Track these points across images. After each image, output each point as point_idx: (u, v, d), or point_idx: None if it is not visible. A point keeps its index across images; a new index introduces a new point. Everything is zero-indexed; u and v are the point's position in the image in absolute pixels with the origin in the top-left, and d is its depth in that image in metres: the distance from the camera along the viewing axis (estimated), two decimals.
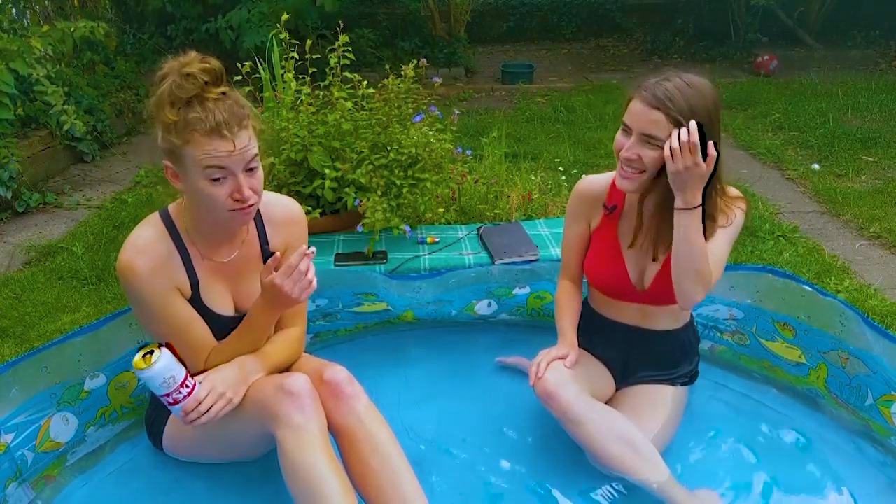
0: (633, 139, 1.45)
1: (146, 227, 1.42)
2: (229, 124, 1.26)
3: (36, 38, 3.43)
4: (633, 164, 1.46)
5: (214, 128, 1.25)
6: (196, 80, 1.25)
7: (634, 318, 1.72)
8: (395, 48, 6.55)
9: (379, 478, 1.38)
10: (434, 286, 2.06)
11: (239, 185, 1.30)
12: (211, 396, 1.37)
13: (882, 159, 3.97)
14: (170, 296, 1.41)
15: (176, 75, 1.25)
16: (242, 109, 1.30)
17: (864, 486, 1.60)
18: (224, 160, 1.27)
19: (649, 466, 1.50)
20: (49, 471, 1.64)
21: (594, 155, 4.11)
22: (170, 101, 1.26)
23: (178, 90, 1.25)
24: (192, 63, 1.26)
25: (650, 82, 1.43)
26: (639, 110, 1.42)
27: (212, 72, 1.27)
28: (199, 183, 1.30)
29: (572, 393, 1.53)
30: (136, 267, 1.35)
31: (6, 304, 2.60)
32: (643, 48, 7.46)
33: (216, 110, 1.26)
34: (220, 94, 1.28)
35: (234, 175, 1.30)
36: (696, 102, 1.39)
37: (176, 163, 1.32)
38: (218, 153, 1.26)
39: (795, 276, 1.93)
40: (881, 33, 6.90)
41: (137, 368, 1.30)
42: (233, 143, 1.27)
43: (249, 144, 1.30)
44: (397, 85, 2.32)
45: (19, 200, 3.50)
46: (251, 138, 1.31)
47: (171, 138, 1.28)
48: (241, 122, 1.28)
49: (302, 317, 1.65)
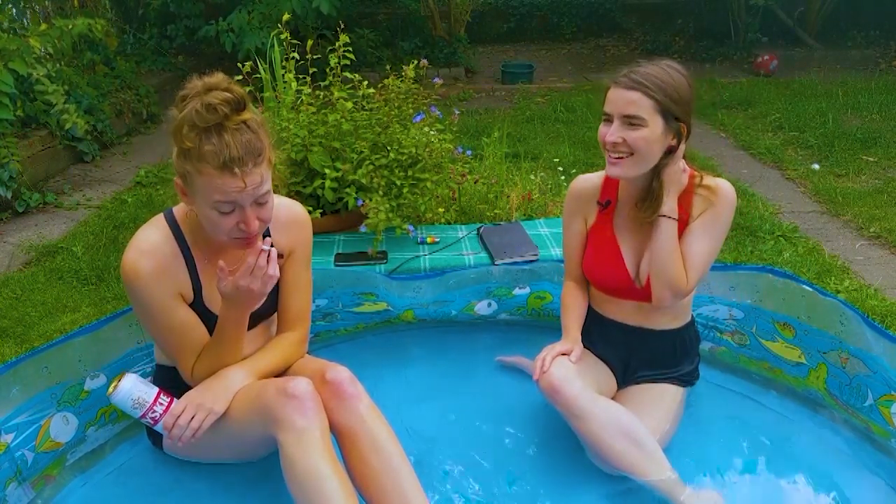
0: (615, 124, 1.49)
1: (151, 230, 1.42)
2: (243, 161, 1.24)
3: (34, 36, 3.43)
4: (619, 149, 1.50)
5: (227, 164, 1.23)
6: (216, 112, 1.22)
7: (635, 318, 1.72)
8: (396, 48, 6.55)
9: (380, 478, 1.38)
10: (434, 286, 2.06)
11: (246, 217, 1.30)
12: (189, 409, 1.39)
13: (882, 159, 3.97)
14: (171, 300, 1.41)
15: (198, 102, 1.22)
16: (260, 143, 1.28)
17: (864, 487, 1.60)
18: (233, 196, 1.26)
19: (653, 464, 1.50)
20: (49, 470, 1.64)
21: (594, 155, 4.11)
22: (189, 126, 1.24)
23: (198, 118, 1.22)
24: (215, 90, 1.23)
25: (623, 71, 1.50)
26: (616, 95, 1.49)
27: (233, 101, 1.24)
28: (205, 210, 1.30)
29: (577, 388, 1.53)
30: (140, 269, 1.35)
31: (6, 304, 2.60)
32: (643, 48, 7.46)
33: (232, 145, 1.23)
34: (239, 123, 1.26)
35: (242, 208, 1.29)
36: (667, 79, 1.46)
37: (186, 185, 1.32)
38: (228, 189, 1.25)
39: (795, 276, 1.93)
40: (881, 33, 6.90)
41: (108, 395, 1.40)
42: (243, 182, 1.25)
43: (262, 181, 1.29)
44: (397, 85, 2.32)
45: (19, 200, 3.50)
46: (264, 174, 1.29)
47: (184, 164, 1.27)
48: (255, 158, 1.26)
49: (303, 321, 1.64)
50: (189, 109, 1.23)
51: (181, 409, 1.40)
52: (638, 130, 1.46)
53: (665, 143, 1.49)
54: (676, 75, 1.48)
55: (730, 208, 1.58)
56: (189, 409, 1.40)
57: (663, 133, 1.48)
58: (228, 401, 1.43)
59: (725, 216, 1.59)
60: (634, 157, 1.49)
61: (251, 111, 1.30)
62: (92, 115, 4.36)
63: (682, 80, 1.48)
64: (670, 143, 1.50)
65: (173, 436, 1.39)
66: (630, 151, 1.49)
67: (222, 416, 1.44)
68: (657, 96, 1.44)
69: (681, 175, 1.56)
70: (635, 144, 1.47)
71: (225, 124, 1.24)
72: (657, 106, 1.45)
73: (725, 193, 1.58)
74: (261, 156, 1.28)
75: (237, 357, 1.50)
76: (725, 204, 1.58)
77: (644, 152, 1.49)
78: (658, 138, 1.47)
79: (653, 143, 1.47)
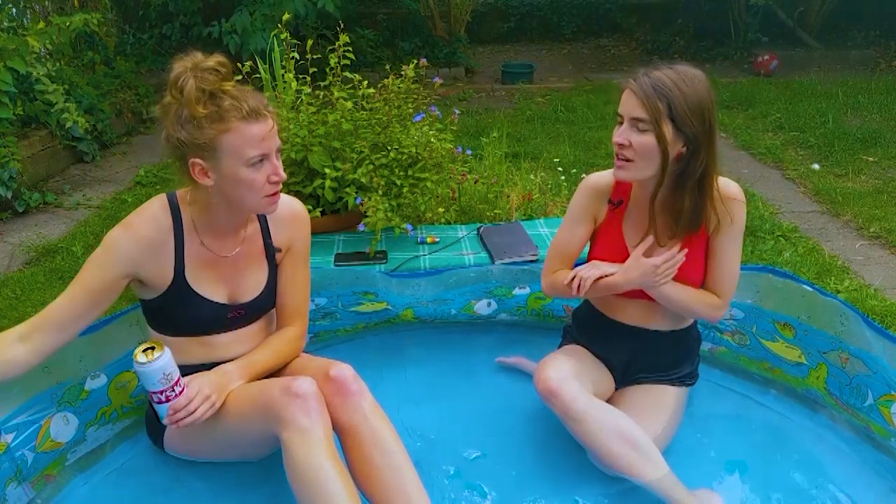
0: (623, 125, 1.48)
1: (148, 215, 1.44)
2: (263, 104, 1.33)
3: (32, 35, 3.43)
4: (625, 151, 1.48)
5: (251, 112, 1.31)
6: (219, 73, 1.30)
7: (638, 318, 1.71)
8: (396, 48, 6.55)
9: (382, 476, 1.38)
10: (434, 284, 2.06)
11: (275, 166, 1.37)
12: (199, 398, 1.40)
13: (882, 159, 3.97)
14: (119, 278, 1.42)
15: (197, 71, 1.29)
16: (259, 93, 1.36)
17: (864, 488, 1.60)
18: (264, 144, 1.33)
19: (651, 466, 1.50)
20: (49, 470, 1.64)
21: (594, 155, 4.11)
22: (198, 95, 1.29)
23: (205, 83, 1.29)
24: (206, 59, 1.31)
25: (639, 73, 1.48)
26: (628, 97, 1.46)
27: (225, 64, 1.33)
28: (238, 172, 1.34)
29: (574, 390, 1.53)
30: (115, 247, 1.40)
31: (6, 304, 2.60)
32: (643, 48, 7.46)
33: (246, 96, 1.32)
34: (235, 83, 1.34)
35: (269, 158, 1.35)
36: (681, 85, 1.43)
37: (208, 157, 1.33)
38: (259, 134, 1.32)
39: (795, 276, 1.93)
40: (881, 33, 6.90)
41: (138, 362, 1.34)
42: (270, 120, 1.34)
43: (278, 127, 1.37)
44: (397, 85, 2.32)
45: (19, 200, 3.50)
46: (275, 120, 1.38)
47: (207, 131, 1.30)
48: (266, 105, 1.35)
49: (300, 317, 1.65)
50: (191, 83, 1.28)
51: (194, 395, 1.40)
52: (645, 134, 1.44)
53: (674, 150, 1.46)
54: (692, 81, 1.44)
55: (744, 212, 1.59)
56: (199, 397, 1.40)
57: (672, 140, 1.44)
58: (224, 397, 1.46)
59: (743, 222, 1.59)
60: (637, 161, 1.47)
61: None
62: (92, 115, 4.36)
63: (699, 86, 1.44)
64: (680, 150, 1.47)
65: (176, 418, 1.39)
66: (636, 156, 1.47)
67: (225, 414, 1.45)
68: (668, 102, 1.41)
69: (652, 277, 1.54)
70: (639, 148, 1.45)
71: (225, 85, 1.32)
72: (667, 112, 1.42)
73: (740, 202, 1.57)
74: (267, 102, 1.36)
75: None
76: (742, 212, 1.58)
77: (647, 157, 1.46)
78: (665, 145, 1.44)
79: (657, 148, 1.45)
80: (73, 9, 5.32)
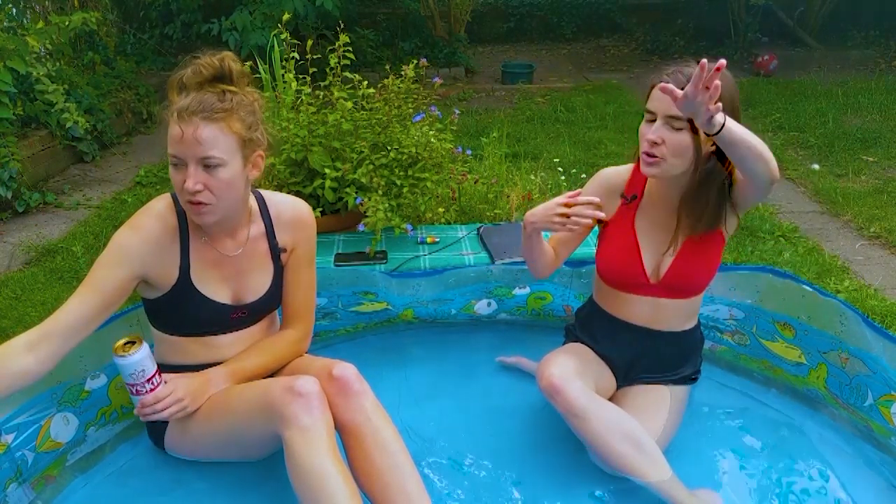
0: (657, 123, 1.45)
1: (155, 215, 1.45)
2: (190, 111, 1.30)
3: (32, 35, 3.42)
4: (658, 149, 1.46)
5: (179, 111, 1.31)
6: (200, 75, 1.32)
7: (644, 318, 1.70)
8: (395, 48, 6.54)
9: (383, 475, 1.38)
10: (434, 284, 2.06)
11: (187, 174, 1.32)
12: (170, 398, 1.44)
13: (882, 159, 3.97)
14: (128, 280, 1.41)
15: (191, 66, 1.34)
16: (221, 105, 1.32)
17: (864, 487, 1.60)
18: (175, 146, 1.32)
19: (653, 465, 1.50)
20: (49, 471, 1.64)
21: (594, 155, 4.11)
22: (177, 87, 1.35)
23: (185, 77, 1.33)
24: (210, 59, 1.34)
25: (671, 69, 1.45)
26: (664, 95, 1.38)
27: (217, 70, 1.34)
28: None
29: (577, 388, 1.53)
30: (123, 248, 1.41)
31: (6, 304, 2.60)
32: (643, 48, 7.46)
33: (192, 99, 1.31)
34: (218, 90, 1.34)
35: (185, 164, 1.33)
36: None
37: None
38: (172, 135, 1.32)
39: (795, 276, 1.93)
40: (881, 33, 6.90)
41: (115, 353, 1.41)
42: (181, 130, 1.30)
43: (210, 143, 1.31)
44: (397, 85, 2.32)
45: (19, 200, 3.49)
46: (217, 139, 1.32)
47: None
48: (208, 114, 1.31)
49: (304, 318, 1.65)
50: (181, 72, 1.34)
51: (164, 396, 1.44)
52: (679, 133, 1.43)
53: (706, 148, 1.46)
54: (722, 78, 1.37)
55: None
56: (170, 398, 1.44)
57: (705, 138, 1.43)
58: (203, 401, 1.49)
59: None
60: (669, 159, 1.46)
61: (242, 89, 1.38)
62: (92, 115, 4.35)
63: (728, 84, 1.42)
64: (710, 149, 1.46)
65: (142, 412, 1.45)
66: (668, 153, 1.46)
67: (227, 413, 1.45)
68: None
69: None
70: (673, 146, 1.44)
71: (204, 86, 1.33)
72: None
73: None
74: (216, 116, 1.31)
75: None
76: None
77: (680, 155, 1.46)
78: (699, 143, 1.44)
79: (691, 146, 1.44)
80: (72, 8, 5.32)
